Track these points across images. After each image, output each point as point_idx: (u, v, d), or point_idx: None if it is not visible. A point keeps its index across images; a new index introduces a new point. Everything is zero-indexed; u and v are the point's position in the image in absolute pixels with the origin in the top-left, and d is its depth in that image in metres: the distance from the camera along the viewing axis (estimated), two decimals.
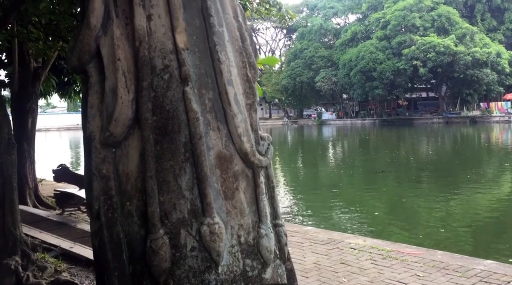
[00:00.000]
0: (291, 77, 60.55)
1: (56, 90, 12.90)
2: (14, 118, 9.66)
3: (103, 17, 1.31)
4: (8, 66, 10.90)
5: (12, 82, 9.83)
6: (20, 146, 8.94)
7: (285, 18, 13.80)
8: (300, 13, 67.59)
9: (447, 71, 46.51)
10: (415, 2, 48.78)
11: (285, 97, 64.73)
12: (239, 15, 1.46)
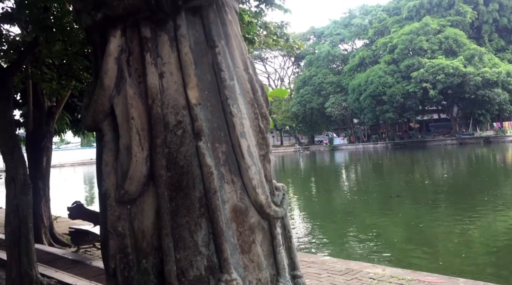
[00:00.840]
0: (301, 104, 60.81)
1: (70, 127, 13.09)
2: (29, 157, 9.80)
3: (116, 77, 1.34)
4: (23, 106, 11.13)
5: (27, 121, 10.02)
6: (35, 185, 9.03)
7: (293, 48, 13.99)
8: (307, 40, 68.40)
9: (457, 92, 46.37)
10: (421, 25, 49.16)
11: (296, 124, 64.85)
12: (249, 67, 1.48)
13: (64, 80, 9.15)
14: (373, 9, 62.55)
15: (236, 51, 1.47)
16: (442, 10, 50.88)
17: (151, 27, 1.38)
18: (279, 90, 3.65)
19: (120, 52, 1.37)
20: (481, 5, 50.77)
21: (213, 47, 1.41)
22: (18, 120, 11.35)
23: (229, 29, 1.47)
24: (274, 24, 12.06)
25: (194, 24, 1.42)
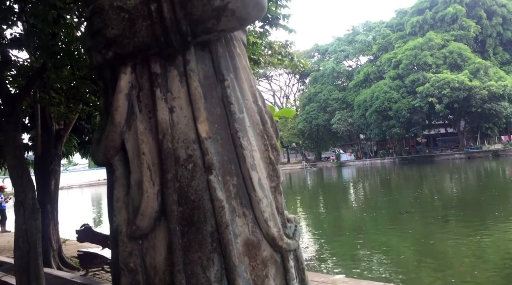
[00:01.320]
0: (307, 120, 60.87)
1: (78, 149, 13.17)
2: (38, 180, 9.85)
3: (127, 113, 1.35)
4: (32, 129, 11.23)
5: (35, 145, 10.09)
6: (43, 208, 9.05)
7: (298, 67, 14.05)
8: (312, 58, 68.80)
9: (464, 106, 46.26)
10: (425, 40, 49.36)
11: (302, 140, 64.85)
12: (258, 99, 1.48)
13: (72, 104, 9.24)
14: (376, 26, 62.98)
15: (245, 84, 1.48)
16: (446, 25, 51.11)
17: (161, 62, 1.40)
18: (286, 110, 3.66)
19: (131, 89, 1.38)
20: (484, 19, 50.98)
21: (222, 81, 1.42)
22: (27, 144, 11.44)
23: (237, 62, 1.48)
24: (278, 44, 12.15)
25: (203, 58, 1.43)
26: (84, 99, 9.07)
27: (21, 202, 6.67)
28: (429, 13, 52.57)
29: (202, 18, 1.33)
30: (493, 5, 50.98)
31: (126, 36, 1.34)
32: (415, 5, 56.10)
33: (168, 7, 1.32)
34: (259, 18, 1.48)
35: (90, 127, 12.36)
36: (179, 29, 1.33)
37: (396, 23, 58.32)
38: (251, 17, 1.39)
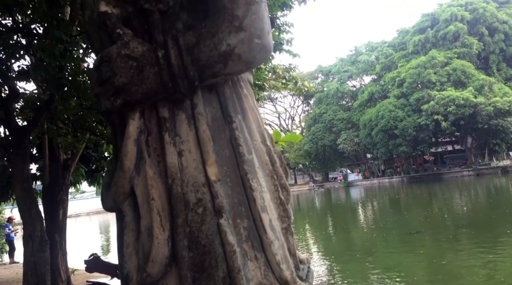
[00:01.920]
0: (313, 141, 60.84)
1: (85, 178, 13.21)
2: (46, 210, 9.85)
3: (136, 158, 1.35)
4: (39, 159, 11.30)
5: (43, 175, 10.14)
6: (51, 238, 9.03)
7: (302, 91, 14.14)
8: (315, 79, 69.20)
9: (470, 123, 46.12)
10: (428, 59, 49.59)
11: (309, 161, 64.67)
12: (267, 139, 1.48)
13: (79, 134, 9.32)
14: (378, 46, 63.43)
15: (253, 124, 1.48)
16: (448, 43, 51.40)
17: (169, 107, 1.41)
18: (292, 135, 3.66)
19: (139, 134, 1.39)
20: (486, 36, 51.24)
21: (230, 123, 1.42)
22: (35, 174, 11.49)
23: (245, 104, 1.48)
24: (282, 68, 12.26)
25: (211, 101, 1.44)
26: (91, 129, 9.15)
27: (30, 235, 6.68)
28: (431, 31, 52.95)
29: (209, 63, 1.34)
30: (494, 22, 51.30)
31: (135, 84, 1.35)
32: (416, 24, 56.58)
33: (175, 53, 1.33)
34: (265, 61, 1.49)
35: (97, 156, 12.43)
36: (187, 75, 1.34)
37: (398, 42, 58.72)
38: (257, 60, 1.40)
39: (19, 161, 7.58)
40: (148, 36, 1.42)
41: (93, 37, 1.51)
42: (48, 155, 9.82)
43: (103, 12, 1.40)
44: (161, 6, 1.39)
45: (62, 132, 9.06)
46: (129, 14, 1.42)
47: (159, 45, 1.37)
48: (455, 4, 53.19)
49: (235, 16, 1.33)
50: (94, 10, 1.44)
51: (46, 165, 9.83)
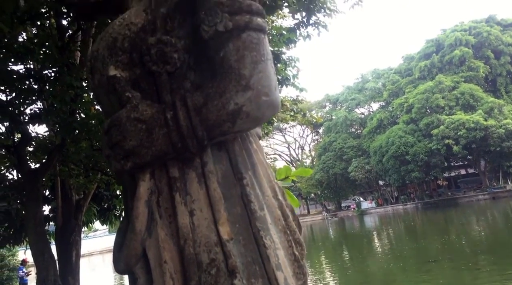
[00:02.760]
0: (324, 170, 60.56)
1: (98, 217, 13.22)
2: (59, 252, 9.82)
3: (147, 219, 1.34)
4: (52, 201, 11.35)
5: (56, 216, 10.16)
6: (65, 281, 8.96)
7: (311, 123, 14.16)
8: (323, 108, 69.51)
9: (482, 146, 45.69)
10: (435, 84, 49.69)
11: (321, 190, 64.20)
12: (278, 193, 1.47)
13: (90, 174, 9.38)
14: (385, 72, 63.84)
15: (264, 179, 1.47)
16: (454, 67, 51.57)
17: (179, 166, 1.41)
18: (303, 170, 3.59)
19: (150, 195, 1.38)
20: (492, 59, 51.40)
21: (240, 179, 1.41)
22: (48, 215, 11.53)
23: (255, 159, 1.48)
24: (289, 100, 12.37)
25: (221, 158, 1.44)
26: (102, 169, 9.22)
27: (43, 280, 6.64)
28: (436, 57, 53.27)
29: (218, 122, 1.35)
30: (499, 45, 51.52)
31: (144, 146, 1.36)
32: (421, 50, 57.01)
33: (183, 114, 1.35)
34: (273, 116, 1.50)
35: (109, 194, 12.47)
36: (196, 135, 1.35)
37: (404, 68, 59.07)
38: (266, 117, 1.41)
39: (32, 204, 7.62)
40: (156, 96, 1.44)
41: (102, 99, 1.54)
42: (61, 196, 9.88)
43: (112, 76, 1.42)
44: (168, 68, 1.42)
45: (74, 174, 9.14)
46: (137, 76, 1.45)
47: (167, 106, 1.38)
48: (458, 29, 53.64)
49: (242, 75, 1.35)
50: (103, 74, 1.46)
51: (59, 206, 9.88)
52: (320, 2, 7.43)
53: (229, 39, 1.38)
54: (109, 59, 1.45)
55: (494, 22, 54.85)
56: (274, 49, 8.85)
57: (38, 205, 7.59)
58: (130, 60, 1.44)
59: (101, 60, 1.48)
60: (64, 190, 9.94)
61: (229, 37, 1.38)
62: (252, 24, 1.40)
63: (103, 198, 12.86)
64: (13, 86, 6.65)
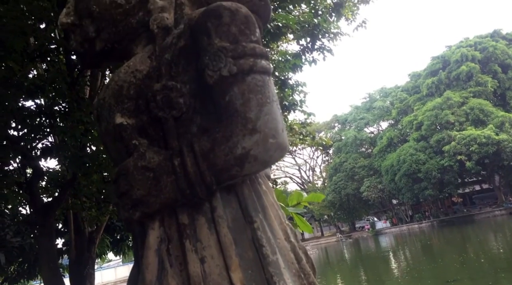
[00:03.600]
0: (336, 191, 60.08)
1: (111, 248, 13.17)
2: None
3: (158, 269, 1.32)
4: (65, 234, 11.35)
5: (69, 249, 10.13)
6: None
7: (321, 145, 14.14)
8: (332, 128, 69.45)
9: (495, 161, 45.09)
10: (443, 100, 49.49)
11: (334, 212, 63.54)
12: (290, 235, 1.45)
13: (103, 207, 9.39)
14: (392, 91, 63.83)
15: (275, 222, 1.45)
16: (462, 83, 51.41)
17: (188, 212, 1.39)
18: (314, 195, 3.57)
19: (160, 243, 1.37)
20: (500, 73, 51.21)
21: (251, 223, 1.39)
22: (61, 248, 11.52)
23: (265, 201, 1.46)
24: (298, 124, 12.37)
25: (230, 202, 1.42)
26: None
27: None
28: (443, 73, 53.22)
29: (226, 167, 1.34)
30: (506, 59, 51.38)
31: (152, 195, 1.35)
32: (428, 67, 57.04)
33: (191, 160, 1.34)
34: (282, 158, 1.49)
35: (122, 225, 12.45)
36: (204, 181, 1.34)
37: (412, 86, 59.02)
38: (274, 160, 1.39)
39: (45, 239, 7.61)
40: (163, 142, 1.43)
41: (110, 147, 1.54)
42: (74, 229, 9.87)
43: (119, 124, 1.43)
44: (174, 113, 1.42)
45: (86, 206, 9.15)
46: (144, 123, 1.45)
47: (174, 152, 1.38)
48: (464, 45, 53.69)
49: (248, 119, 1.34)
50: (110, 122, 1.47)
51: (72, 239, 9.86)
52: (324, 27, 7.50)
53: (234, 83, 1.38)
54: (116, 107, 1.46)
55: (499, 36, 54.85)
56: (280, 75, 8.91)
57: (51, 240, 7.59)
58: (136, 107, 1.45)
59: (107, 108, 1.49)
60: (76, 223, 9.94)
61: (234, 81, 1.38)
62: (256, 67, 1.40)
63: (115, 229, 12.84)
64: (24, 123, 6.73)
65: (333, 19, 10.77)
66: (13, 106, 6.41)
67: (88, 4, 1.56)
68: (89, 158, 6.23)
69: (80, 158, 6.03)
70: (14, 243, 9.98)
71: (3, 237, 9.78)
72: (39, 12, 7.00)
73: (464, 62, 51.28)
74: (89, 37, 1.58)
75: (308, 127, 12.66)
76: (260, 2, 1.74)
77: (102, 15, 1.56)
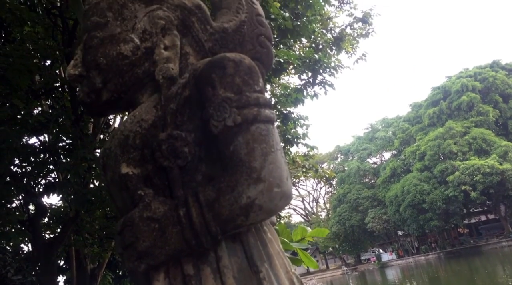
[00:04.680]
0: (340, 222, 59.40)
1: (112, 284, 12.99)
2: None
3: None
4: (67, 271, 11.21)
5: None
6: None
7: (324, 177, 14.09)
8: (335, 159, 69.34)
9: (500, 191, 44.70)
10: (445, 130, 49.57)
11: (339, 244, 62.59)
12: (296, 283, 1.43)
13: (105, 243, 9.31)
14: (394, 121, 64.05)
15: (281, 271, 1.43)
16: (463, 113, 51.61)
17: (193, 262, 1.38)
18: (318, 230, 3.52)
19: None
20: (500, 103, 51.48)
21: (257, 273, 1.38)
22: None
23: (270, 250, 1.45)
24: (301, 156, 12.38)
25: (235, 250, 1.41)
26: None
27: None
28: (444, 103, 53.51)
29: (231, 216, 1.34)
30: (506, 89, 51.74)
31: (158, 246, 1.35)
32: (429, 97, 57.40)
33: (196, 211, 1.34)
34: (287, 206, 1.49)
35: None
36: (209, 231, 1.34)
37: (413, 116, 59.24)
38: (279, 208, 1.40)
39: (46, 277, 7.52)
40: (169, 191, 1.44)
41: (115, 196, 1.55)
42: (75, 266, 9.77)
43: (125, 174, 1.44)
44: (179, 162, 1.43)
45: (89, 243, 9.07)
46: (149, 172, 1.46)
47: (180, 202, 1.38)
48: (464, 75, 54.20)
49: (252, 168, 1.35)
50: (116, 171, 1.48)
51: (74, 276, 9.75)
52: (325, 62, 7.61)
53: (238, 133, 1.39)
54: (121, 156, 1.48)
55: (499, 67, 55.39)
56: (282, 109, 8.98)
57: (53, 277, 7.50)
58: (142, 156, 1.46)
59: (113, 158, 1.50)
60: (78, 260, 9.84)
61: (238, 131, 1.40)
62: (260, 117, 1.42)
63: (117, 265, 12.69)
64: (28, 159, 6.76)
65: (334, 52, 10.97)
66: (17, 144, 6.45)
67: (96, 57, 1.60)
68: (92, 195, 6.22)
69: (83, 195, 6.02)
70: (15, 281, 9.86)
71: (4, 275, 9.67)
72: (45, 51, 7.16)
73: (464, 92, 51.62)
74: (96, 88, 1.61)
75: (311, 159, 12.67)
76: (262, 49, 1.78)
77: (109, 67, 1.59)
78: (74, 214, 6.91)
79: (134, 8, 1.65)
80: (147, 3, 1.67)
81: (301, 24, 7.44)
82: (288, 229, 3.60)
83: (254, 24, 1.80)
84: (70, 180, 6.13)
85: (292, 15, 7.51)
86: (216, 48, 1.70)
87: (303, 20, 7.57)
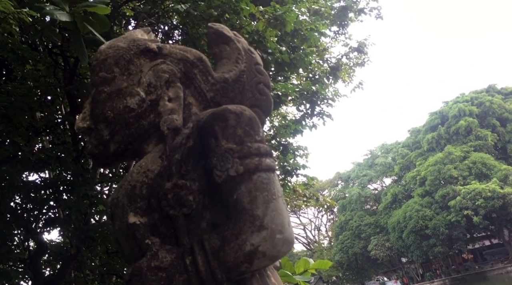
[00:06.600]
0: (343, 250, 58.69)
1: None
2: None
3: None
4: None
5: None
6: None
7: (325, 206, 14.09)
8: (336, 186, 69.06)
9: (502, 215, 44.39)
10: (445, 155, 49.62)
11: (342, 272, 61.68)
12: None
13: (106, 279, 9.21)
14: (393, 147, 64.17)
15: None
16: (462, 138, 51.80)
17: None
18: (321, 262, 3.52)
19: None
20: (498, 126, 51.75)
21: None
22: None
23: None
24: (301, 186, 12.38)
25: None
26: (117, 272, 9.06)
27: None
28: (442, 128, 53.78)
29: (235, 264, 1.38)
30: (503, 113, 52.10)
31: None
32: (427, 123, 57.73)
33: (202, 259, 1.39)
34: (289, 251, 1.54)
35: None
36: (215, 279, 1.38)
37: (412, 142, 59.43)
38: (282, 254, 1.44)
39: None
40: (175, 239, 1.49)
41: (123, 244, 1.59)
42: None
43: (132, 224, 1.49)
44: (185, 210, 1.48)
45: (89, 279, 8.97)
46: (156, 221, 1.51)
47: (186, 250, 1.43)
48: (460, 100, 54.67)
49: (255, 216, 1.40)
50: (123, 221, 1.53)
51: None
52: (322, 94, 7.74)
53: (241, 182, 1.45)
54: (129, 206, 1.53)
55: (495, 91, 55.94)
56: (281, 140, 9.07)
57: None
58: (148, 205, 1.52)
59: (121, 207, 1.56)
60: None
61: (241, 180, 1.46)
62: (261, 166, 1.48)
63: None
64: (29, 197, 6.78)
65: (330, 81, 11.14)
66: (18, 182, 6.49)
67: (103, 110, 1.67)
68: (93, 231, 6.22)
69: (84, 232, 6.02)
70: None
71: None
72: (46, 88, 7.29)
73: (462, 117, 51.95)
74: (104, 140, 1.68)
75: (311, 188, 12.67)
76: (262, 96, 1.86)
77: (116, 119, 1.66)
78: (76, 251, 6.88)
79: (140, 63, 1.73)
80: (151, 58, 1.75)
81: (298, 57, 7.59)
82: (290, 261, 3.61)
83: (253, 73, 1.89)
84: (71, 217, 6.13)
85: (289, 49, 7.67)
86: (218, 98, 1.78)
87: (299, 53, 7.72)
